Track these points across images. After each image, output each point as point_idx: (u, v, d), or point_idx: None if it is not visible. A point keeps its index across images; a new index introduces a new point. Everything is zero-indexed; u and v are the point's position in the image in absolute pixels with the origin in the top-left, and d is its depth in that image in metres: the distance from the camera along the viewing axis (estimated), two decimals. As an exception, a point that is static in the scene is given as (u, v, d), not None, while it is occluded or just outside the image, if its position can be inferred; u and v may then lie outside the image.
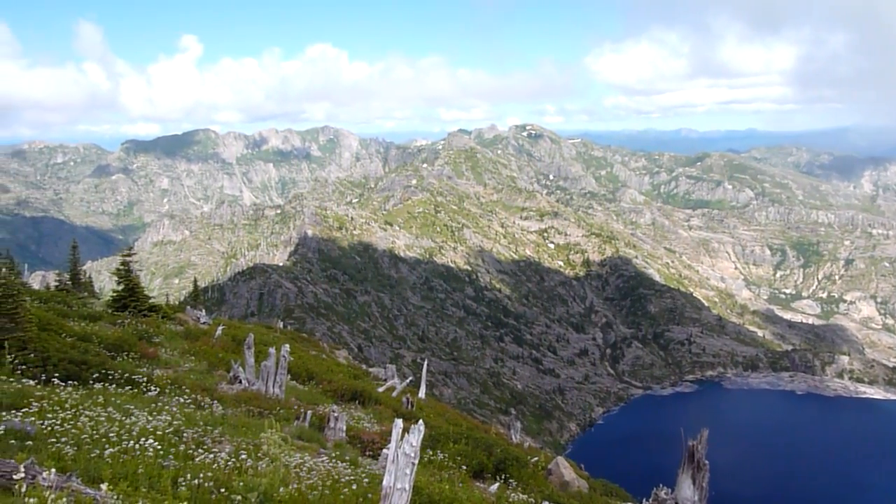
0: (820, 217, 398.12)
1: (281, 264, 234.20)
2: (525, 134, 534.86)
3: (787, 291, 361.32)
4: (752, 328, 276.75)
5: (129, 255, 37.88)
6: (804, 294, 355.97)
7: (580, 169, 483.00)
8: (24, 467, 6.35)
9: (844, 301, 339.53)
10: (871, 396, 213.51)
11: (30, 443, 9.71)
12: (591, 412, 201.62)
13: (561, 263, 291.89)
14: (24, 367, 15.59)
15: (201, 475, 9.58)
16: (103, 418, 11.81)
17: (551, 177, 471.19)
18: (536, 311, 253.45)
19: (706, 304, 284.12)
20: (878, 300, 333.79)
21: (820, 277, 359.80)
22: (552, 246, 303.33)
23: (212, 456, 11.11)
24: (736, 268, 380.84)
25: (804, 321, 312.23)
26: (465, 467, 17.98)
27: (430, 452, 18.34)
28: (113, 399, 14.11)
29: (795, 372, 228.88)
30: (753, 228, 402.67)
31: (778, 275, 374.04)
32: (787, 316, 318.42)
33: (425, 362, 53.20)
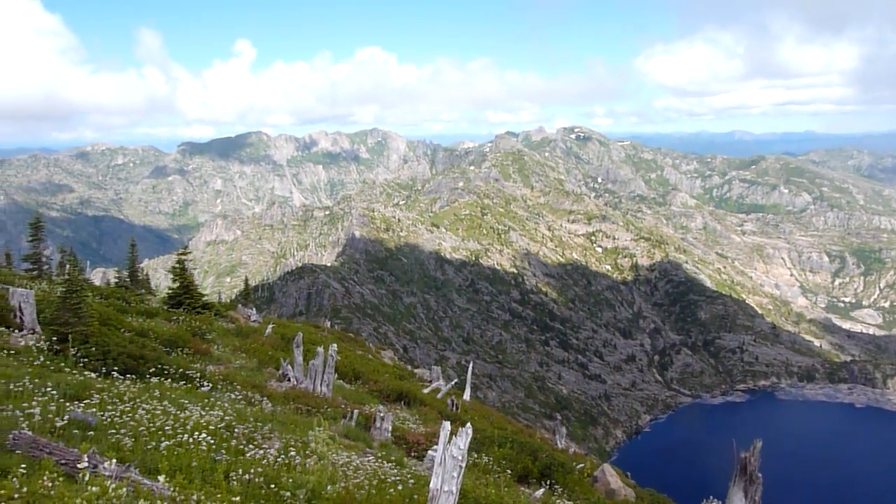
0: (882, 223, 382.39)
1: (329, 265, 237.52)
2: (573, 136, 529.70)
3: (847, 300, 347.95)
4: (808, 337, 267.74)
5: (184, 254, 38.97)
6: (864, 303, 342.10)
7: (629, 172, 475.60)
8: (88, 457, 6.60)
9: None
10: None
11: (91, 433, 10.08)
12: (637, 419, 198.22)
13: (609, 267, 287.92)
14: (86, 359, 16.19)
15: (252, 470, 9.81)
16: (159, 412, 12.17)
17: (600, 180, 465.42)
18: (583, 316, 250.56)
19: (759, 311, 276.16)
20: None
21: (882, 286, 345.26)
22: (600, 250, 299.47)
23: (262, 452, 11.36)
24: (791, 275, 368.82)
25: (864, 331, 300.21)
26: (509, 472, 17.92)
27: (475, 455, 18.33)
28: (168, 393, 14.54)
29: (854, 384, 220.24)
30: (811, 234, 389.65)
31: (836, 282, 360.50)
32: (846, 325, 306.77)
33: (470, 365, 53.17)
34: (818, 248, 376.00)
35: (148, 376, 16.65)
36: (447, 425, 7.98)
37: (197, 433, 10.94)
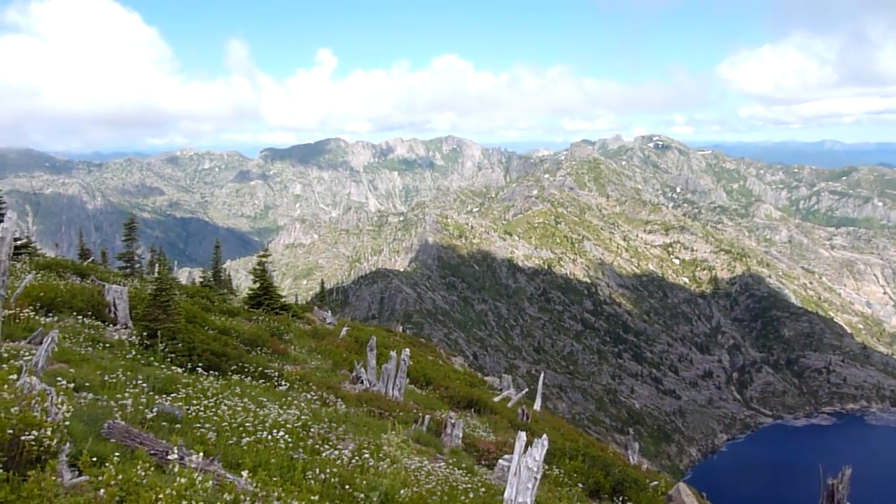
0: None
1: (402, 270, 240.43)
2: (651, 145, 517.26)
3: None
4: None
5: (264, 256, 40.33)
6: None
7: (710, 182, 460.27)
8: (177, 449, 6.90)
9: None
10: None
11: (177, 426, 10.53)
12: (713, 438, 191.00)
13: (686, 280, 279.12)
14: (173, 355, 16.97)
15: (327, 470, 10.00)
16: (240, 408, 12.60)
17: (678, 189, 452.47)
18: (658, 329, 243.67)
19: (849, 330, 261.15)
20: None
21: None
22: (677, 261, 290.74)
23: (336, 452, 11.57)
24: (885, 293, 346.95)
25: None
26: (581, 485, 17.59)
27: (546, 467, 18.07)
28: (248, 391, 15.05)
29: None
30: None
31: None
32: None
33: (541, 374, 52.58)
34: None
35: (230, 373, 17.29)
36: (523, 435, 7.90)
37: (275, 431, 11.25)
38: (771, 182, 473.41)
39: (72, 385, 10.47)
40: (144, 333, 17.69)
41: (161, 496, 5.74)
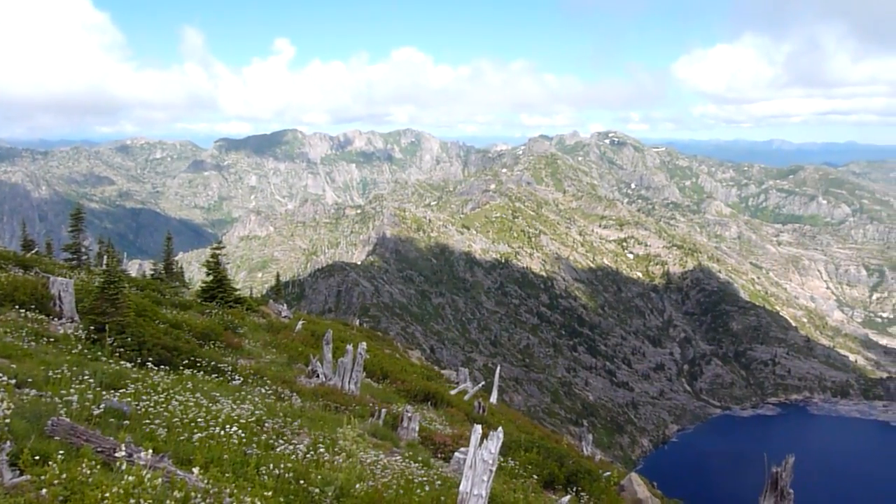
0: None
1: (359, 263, 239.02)
2: (608, 141, 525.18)
3: (885, 315, 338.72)
4: (843, 352, 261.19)
5: (218, 249, 39.56)
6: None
7: (664, 178, 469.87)
8: (124, 446, 6.71)
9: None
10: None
11: (126, 422, 10.25)
12: (664, 429, 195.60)
13: (640, 274, 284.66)
14: (121, 349, 16.51)
15: (281, 465, 9.87)
16: (192, 403, 12.33)
17: (633, 186, 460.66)
18: (612, 322, 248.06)
19: (794, 323, 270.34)
20: None
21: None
22: (631, 256, 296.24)
23: (291, 447, 11.44)
24: (828, 287, 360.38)
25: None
26: (536, 477, 17.78)
27: (501, 459, 18.22)
28: (201, 385, 14.73)
29: (890, 401, 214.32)
30: (849, 246, 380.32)
31: (874, 297, 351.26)
32: (884, 341, 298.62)
33: (497, 367, 53.00)
34: (856, 262, 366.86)
35: (181, 368, 16.92)
36: (478, 428, 7.94)
37: (228, 426, 11.05)
38: (722, 179, 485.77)
39: (13, 381, 10.11)
40: (91, 327, 17.18)
41: (107, 495, 5.58)
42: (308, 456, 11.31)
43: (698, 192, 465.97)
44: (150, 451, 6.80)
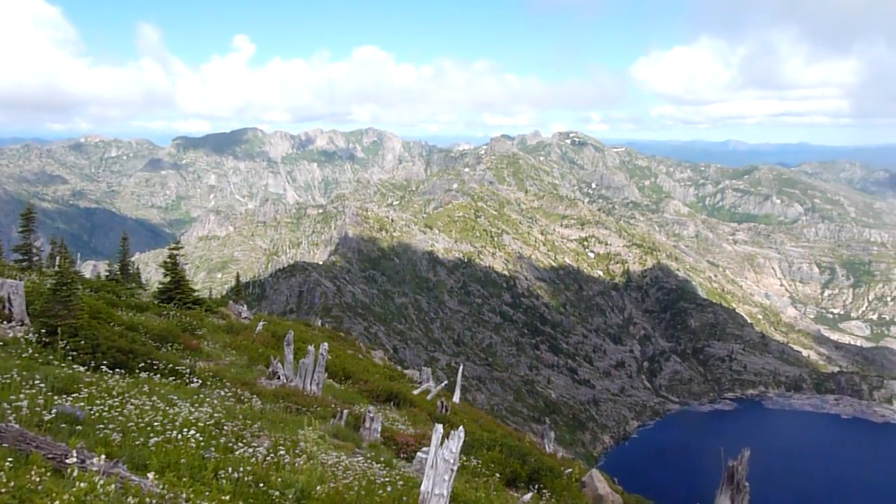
0: (873, 236, 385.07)
1: (321, 263, 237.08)
2: (569, 141, 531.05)
3: (835, 311, 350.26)
4: (796, 348, 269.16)
5: (176, 249, 38.81)
6: (853, 315, 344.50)
7: (623, 178, 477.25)
8: (76, 452, 6.53)
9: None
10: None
11: (79, 427, 9.98)
12: (625, 425, 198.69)
13: (601, 273, 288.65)
14: (74, 353, 16.06)
15: (241, 469, 9.72)
16: (148, 407, 12.06)
17: (594, 185, 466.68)
18: (574, 321, 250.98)
19: (749, 320, 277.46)
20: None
21: (871, 298, 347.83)
22: (592, 255, 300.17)
23: (251, 450, 11.27)
24: (781, 285, 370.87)
25: (852, 343, 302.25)
26: (498, 475, 17.87)
27: (464, 458, 18.27)
28: (158, 389, 14.43)
29: (841, 395, 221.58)
30: (802, 245, 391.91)
31: (826, 294, 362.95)
32: (835, 337, 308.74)
33: (460, 367, 53.18)
34: (809, 260, 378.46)
35: (137, 371, 16.54)
36: (439, 428, 7.95)
37: (186, 430, 10.84)
38: (680, 179, 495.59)
39: (-41, 387, 9.75)
40: (43, 330, 16.68)
41: (57, 502, 5.43)
42: (268, 458, 11.17)
43: (657, 191, 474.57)
44: (104, 456, 6.64)
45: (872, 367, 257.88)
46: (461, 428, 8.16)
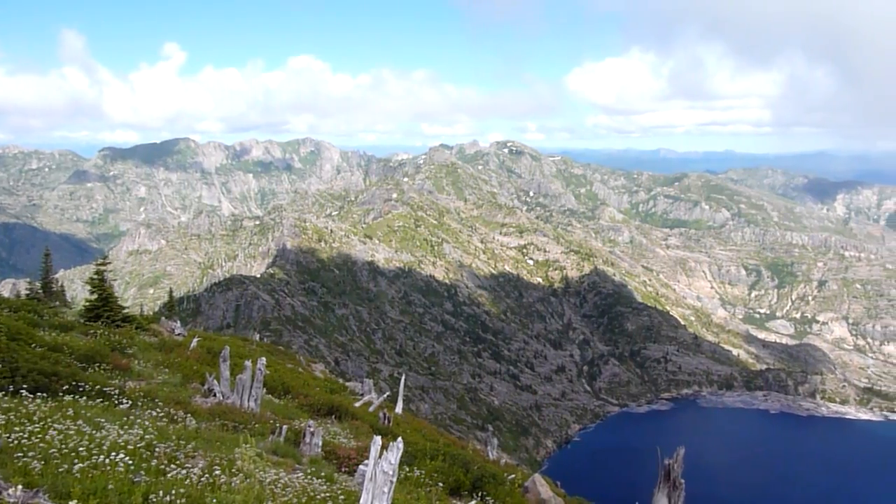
0: (794, 238, 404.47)
1: (259, 276, 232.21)
2: (506, 150, 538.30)
3: (762, 311, 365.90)
4: (727, 347, 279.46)
5: (103, 264, 37.27)
6: (778, 314, 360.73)
7: (560, 186, 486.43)
8: (-10, 483, 6.15)
9: (817, 322, 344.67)
10: (843, 416, 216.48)
11: (-4, 457, 9.44)
12: (567, 429, 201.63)
13: (540, 279, 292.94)
14: (-9, 377, 15.19)
15: (173, 491, 9.39)
16: (73, 432, 11.53)
17: (531, 193, 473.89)
18: (515, 327, 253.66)
19: (683, 322, 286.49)
20: (850, 321, 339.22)
21: (794, 298, 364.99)
22: (531, 262, 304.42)
23: (184, 471, 10.90)
24: (712, 287, 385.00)
25: (778, 341, 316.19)
26: (441, 484, 17.82)
27: (407, 469, 18.16)
28: (83, 412, 13.79)
29: (769, 391, 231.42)
30: (729, 248, 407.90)
31: (753, 294, 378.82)
32: (762, 336, 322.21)
33: (402, 377, 52.91)
34: (736, 262, 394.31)
35: (61, 394, 15.77)
36: (378, 440, 7.85)
37: (114, 453, 10.41)
38: (614, 187, 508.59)
39: None
40: (-44, 354, 15.71)
41: (-32, 538, 5.08)
42: (203, 479, 10.82)
43: (593, 199, 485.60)
44: (20, 486, 6.26)
45: (797, 364, 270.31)
46: (399, 439, 8.08)
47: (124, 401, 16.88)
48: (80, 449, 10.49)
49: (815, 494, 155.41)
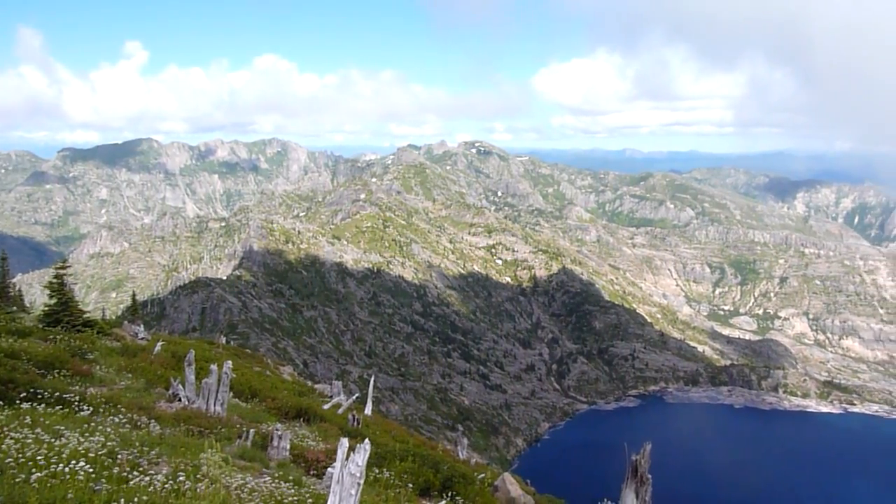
0: (756, 236, 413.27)
1: (225, 278, 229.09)
2: (474, 150, 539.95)
3: (726, 308, 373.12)
4: (692, 344, 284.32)
5: (63, 268, 36.39)
6: (741, 311, 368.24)
7: (528, 186, 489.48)
8: (-60, 495, 5.94)
9: (779, 317, 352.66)
10: (805, 409, 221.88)
11: (-52, 467, 9.14)
12: (537, 427, 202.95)
13: (509, 279, 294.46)
14: (-56, 385, 14.72)
15: (136, 499, 9.21)
16: (30, 440, 11.23)
17: (500, 193, 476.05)
18: (484, 327, 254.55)
19: (649, 320, 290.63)
20: (810, 317, 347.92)
21: (756, 295, 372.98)
22: (500, 262, 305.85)
23: (148, 478, 10.70)
24: (677, 285, 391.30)
25: (741, 337, 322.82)
26: (411, 485, 17.78)
27: (377, 471, 18.08)
28: (42, 420, 13.44)
29: (733, 386, 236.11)
30: (694, 247, 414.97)
31: (717, 292, 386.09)
32: (726, 332, 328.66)
33: (372, 378, 52.69)
34: (700, 260, 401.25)
35: (18, 402, 15.34)
36: (345, 442, 7.79)
37: (74, 462, 10.16)
38: (581, 187, 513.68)
39: None
40: None
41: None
42: (167, 486, 10.62)
43: (560, 198, 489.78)
44: (-27, 497, 6.07)
45: (760, 359, 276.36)
46: (367, 440, 8.03)
47: (85, 407, 16.50)
48: (38, 458, 10.22)
49: (779, 484, 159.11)
